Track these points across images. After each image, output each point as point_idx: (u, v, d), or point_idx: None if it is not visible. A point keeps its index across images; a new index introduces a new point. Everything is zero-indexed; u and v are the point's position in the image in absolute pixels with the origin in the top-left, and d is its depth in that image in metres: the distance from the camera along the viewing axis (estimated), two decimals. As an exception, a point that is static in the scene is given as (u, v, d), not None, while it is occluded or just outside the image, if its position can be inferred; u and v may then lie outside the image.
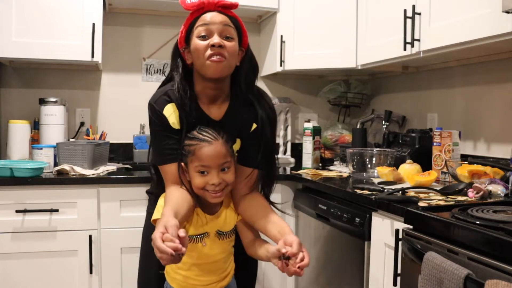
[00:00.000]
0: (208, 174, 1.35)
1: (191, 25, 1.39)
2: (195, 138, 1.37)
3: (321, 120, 3.03)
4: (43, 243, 2.00)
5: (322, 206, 1.96)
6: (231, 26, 1.38)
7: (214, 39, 1.33)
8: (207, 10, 1.37)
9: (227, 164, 1.37)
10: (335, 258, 1.90)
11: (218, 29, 1.35)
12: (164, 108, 1.41)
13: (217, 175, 1.35)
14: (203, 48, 1.34)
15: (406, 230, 1.32)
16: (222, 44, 1.34)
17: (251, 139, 1.47)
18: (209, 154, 1.34)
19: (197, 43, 1.35)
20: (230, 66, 1.38)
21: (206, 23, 1.35)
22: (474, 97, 2.13)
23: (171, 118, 1.41)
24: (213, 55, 1.33)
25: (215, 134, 1.37)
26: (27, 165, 2.00)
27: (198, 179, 1.36)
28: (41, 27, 2.25)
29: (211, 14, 1.37)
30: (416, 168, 1.91)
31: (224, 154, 1.36)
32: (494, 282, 0.94)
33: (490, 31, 1.56)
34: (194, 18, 1.38)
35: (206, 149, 1.34)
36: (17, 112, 2.57)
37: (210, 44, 1.33)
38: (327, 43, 2.46)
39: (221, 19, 1.37)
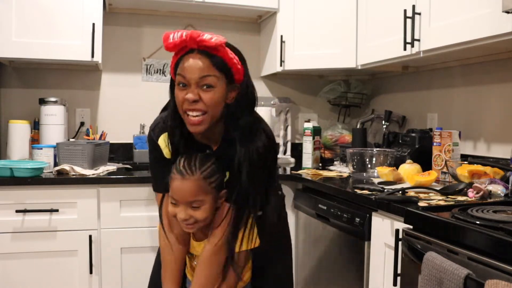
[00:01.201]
0: (178, 207, 1.33)
1: (177, 63, 1.32)
2: (175, 166, 1.34)
3: (321, 120, 3.03)
4: (43, 243, 2.00)
5: (322, 206, 1.96)
6: (211, 74, 1.27)
7: (189, 94, 1.27)
8: (190, 48, 1.28)
9: (197, 202, 1.31)
10: (335, 258, 1.90)
11: (195, 80, 1.27)
12: (160, 138, 1.41)
13: (184, 210, 1.32)
14: (180, 100, 1.30)
15: (406, 230, 1.32)
16: (197, 99, 1.27)
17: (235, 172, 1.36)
18: (178, 189, 1.32)
19: (176, 93, 1.31)
20: (211, 118, 1.31)
21: (183, 74, 1.28)
22: (474, 97, 2.13)
23: (165, 149, 1.41)
24: (189, 110, 1.29)
25: (194, 168, 1.31)
26: (27, 165, 2.00)
27: (170, 207, 1.36)
28: (41, 27, 2.25)
29: (190, 62, 1.27)
30: (416, 168, 1.91)
31: (195, 192, 1.31)
32: (494, 282, 0.94)
33: (490, 31, 1.56)
34: (179, 57, 1.30)
35: (177, 183, 1.32)
36: (17, 112, 2.57)
37: (185, 97, 1.28)
38: (327, 43, 2.47)
39: (200, 67, 1.26)
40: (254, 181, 1.34)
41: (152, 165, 1.48)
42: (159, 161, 1.43)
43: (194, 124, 1.30)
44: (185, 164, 1.32)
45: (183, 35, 1.26)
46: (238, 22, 2.90)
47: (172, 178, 1.33)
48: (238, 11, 2.72)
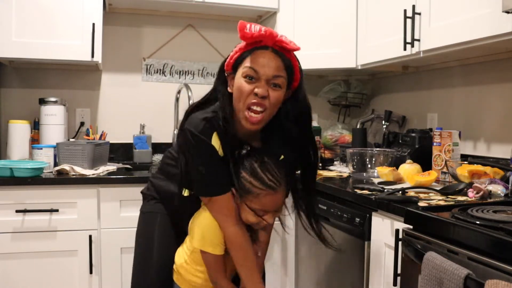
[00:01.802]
0: (264, 215, 1.35)
1: (244, 55, 1.31)
2: (259, 179, 1.31)
3: (321, 120, 3.03)
4: (43, 243, 2.00)
5: (322, 206, 1.96)
6: (282, 75, 1.30)
7: (259, 88, 1.27)
8: (265, 44, 1.29)
9: (282, 207, 1.40)
10: (335, 258, 1.90)
11: (267, 77, 1.28)
12: (213, 138, 1.31)
13: (272, 216, 1.37)
14: (246, 92, 1.28)
15: (406, 230, 1.32)
16: (266, 95, 1.28)
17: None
18: (274, 201, 1.33)
19: (242, 84, 1.29)
20: (268, 117, 1.33)
21: (256, 67, 1.27)
22: (474, 97, 2.13)
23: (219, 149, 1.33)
24: (254, 104, 1.28)
25: (279, 177, 1.33)
26: (27, 165, 2.00)
27: (251, 218, 1.35)
28: (41, 27, 2.25)
29: (267, 58, 1.28)
30: (416, 168, 1.91)
31: (283, 199, 1.38)
32: (494, 282, 0.94)
33: (490, 31, 1.56)
34: (249, 49, 1.30)
35: (271, 198, 1.32)
36: (17, 112, 2.57)
37: (254, 91, 1.27)
38: (327, 43, 2.46)
39: (274, 66, 1.29)
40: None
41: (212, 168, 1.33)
42: (219, 163, 1.33)
43: (254, 122, 1.30)
44: (270, 177, 1.31)
45: (261, 30, 1.27)
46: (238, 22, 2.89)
47: (263, 193, 1.30)
48: (238, 11, 2.72)
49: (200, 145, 1.30)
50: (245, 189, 1.32)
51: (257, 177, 1.30)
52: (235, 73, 1.33)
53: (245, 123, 1.31)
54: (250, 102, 1.28)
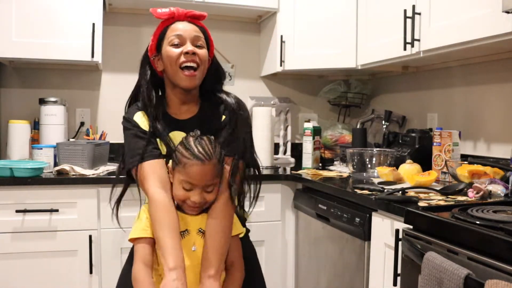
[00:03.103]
0: (192, 191, 1.33)
1: (162, 33, 1.44)
2: (189, 149, 1.32)
3: (321, 120, 3.03)
4: (43, 243, 2.00)
5: (322, 206, 1.96)
6: (201, 36, 1.44)
7: (187, 47, 1.39)
8: (177, 20, 1.44)
9: (212, 185, 1.35)
10: (335, 258, 1.90)
11: (190, 37, 1.41)
12: (135, 115, 1.45)
13: (199, 193, 1.33)
14: (176, 55, 1.39)
15: (406, 230, 1.32)
16: (195, 51, 1.40)
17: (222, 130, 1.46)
18: (198, 173, 1.31)
19: (170, 51, 1.40)
20: (202, 74, 1.44)
21: (179, 32, 1.41)
22: (474, 97, 2.13)
23: (142, 124, 1.43)
24: (186, 62, 1.39)
25: (211, 151, 1.33)
26: (27, 165, 2.00)
27: (180, 192, 1.34)
28: (41, 27, 2.25)
29: (182, 24, 1.43)
30: (416, 168, 1.91)
31: (214, 175, 1.33)
32: (494, 282, 0.94)
33: (490, 31, 1.56)
34: (165, 27, 1.44)
35: (197, 168, 1.31)
36: (17, 112, 2.57)
37: (183, 51, 1.39)
38: (327, 43, 2.47)
39: (193, 28, 1.43)
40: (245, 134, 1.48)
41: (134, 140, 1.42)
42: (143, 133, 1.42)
43: (190, 75, 1.39)
44: (199, 149, 1.32)
45: (170, 9, 1.43)
46: (238, 22, 2.90)
47: (189, 163, 1.31)
48: (238, 11, 2.72)
49: (125, 123, 1.46)
50: (176, 160, 1.34)
51: (187, 148, 1.33)
52: (160, 53, 1.44)
53: (183, 81, 1.41)
54: (182, 61, 1.39)
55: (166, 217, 1.32)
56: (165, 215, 1.32)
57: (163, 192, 1.35)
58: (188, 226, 1.38)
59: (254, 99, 2.88)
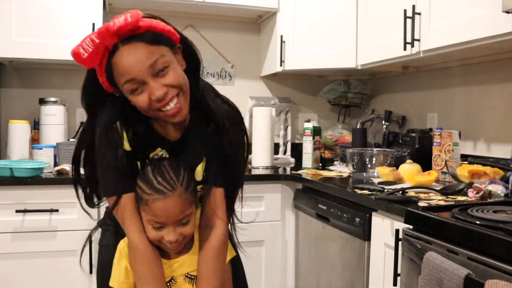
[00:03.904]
0: (164, 229, 1.14)
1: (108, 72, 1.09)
2: (148, 182, 1.13)
3: (321, 120, 3.03)
4: (43, 243, 2.00)
5: (322, 206, 1.96)
6: (157, 56, 1.06)
7: (154, 93, 1.06)
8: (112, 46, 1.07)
9: (186, 218, 1.16)
10: (335, 258, 1.90)
11: (146, 72, 1.06)
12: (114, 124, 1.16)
13: (173, 231, 1.14)
14: (146, 105, 1.08)
15: (406, 230, 1.32)
16: (166, 90, 1.07)
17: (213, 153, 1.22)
18: (163, 209, 1.12)
19: (136, 101, 1.09)
20: (187, 97, 1.14)
21: (130, 78, 1.06)
22: (474, 97, 2.13)
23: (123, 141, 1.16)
24: (164, 105, 1.09)
25: (173, 179, 1.13)
26: (27, 165, 2.00)
27: (151, 233, 1.15)
28: (41, 27, 2.25)
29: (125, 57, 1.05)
30: (416, 168, 1.91)
31: (182, 208, 1.14)
32: (494, 282, 0.94)
33: (490, 31, 1.56)
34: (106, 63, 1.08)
35: (160, 204, 1.12)
36: (17, 112, 2.57)
37: (152, 99, 1.07)
38: (327, 43, 2.47)
39: (141, 57, 1.05)
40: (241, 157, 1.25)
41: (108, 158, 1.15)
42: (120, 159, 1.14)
43: (175, 113, 1.10)
44: (159, 180, 1.12)
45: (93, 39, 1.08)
46: (238, 22, 2.90)
47: (151, 199, 1.12)
48: (238, 11, 2.72)
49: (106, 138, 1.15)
50: (137, 197, 1.15)
51: (146, 181, 1.13)
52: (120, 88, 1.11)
53: (171, 120, 1.12)
54: (156, 107, 1.09)
55: (149, 272, 1.15)
56: (147, 269, 1.15)
57: (143, 237, 1.15)
58: (173, 273, 1.22)
59: (254, 99, 2.88)
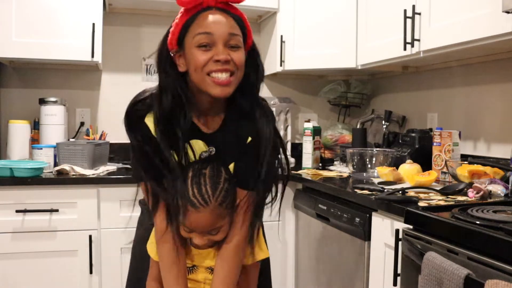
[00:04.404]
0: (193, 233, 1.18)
1: (186, 25, 1.12)
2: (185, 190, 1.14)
3: (321, 120, 3.03)
4: (43, 243, 2.00)
5: (322, 206, 1.96)
6: (237, 34, 1.13)
7: (219, 54, 1.09)
8: (206, 5, 1.11)
9: (216, 229, 1.18)
10: (335, 258, 1.90)
11: (223, 37, 1.10)
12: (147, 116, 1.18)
13: (202, 237, 1.18)
14: (203, 62, 1.10)
15: (406, 230, 1.32)
16: (229, 59, 1.10)
17: (245, 154, 1.22)
18: (194, 221, 1.15)
19: (197, 55, 1.11)
20: (238, 82, 1.15)
21: (208, 30, 1.10)
22: (474, 97, 2.13)
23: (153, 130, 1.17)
24: (217, 71, 1.10)
25: (208, 195, 1.13)
26: (27, 165, 2.00)
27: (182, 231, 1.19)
28: (41, 27, 2.25)
29: (213, 17, 1.10)
30: (416, 168, 1.91)
31: (212, 222, 1.15)
32: (494, 282, 0.94)
33: (490, 31, 1.56)
34: (191, 16, 1.11)
35: (191, 215, 1.14)
36: (17, 112, 2.57)
37: (214, 59, 1.10)
38: (327, 43, 2.47)
39: (226, 24, 1.11)
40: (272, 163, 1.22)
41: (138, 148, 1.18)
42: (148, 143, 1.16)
43: (223, 84, 1.10)
44: (195, 192, 1.13)
45: None
46: (238, 22, 2.90)
47: (183, 209, 1.14)
48: (238, 11, 2.72)
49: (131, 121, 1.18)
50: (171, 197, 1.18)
51: (183, 187, 1.14)
52: (182, 49, 1.14)
53: (213, 89, 1.12)
54: (210, 70, 1.10)
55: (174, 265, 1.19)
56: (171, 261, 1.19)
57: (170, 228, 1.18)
58: (198, 262, 1.28)
59: (254, 99, 2.87)
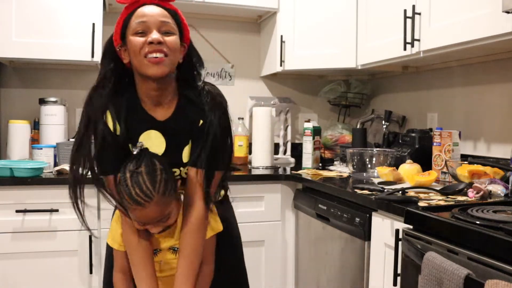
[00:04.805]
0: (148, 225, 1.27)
1: (126, 21, 1.27)
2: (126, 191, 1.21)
3: (321, 120, 3.03)
4: (43, 243, 2.00)
5: (322, 206, 1.96)
6: (170, 22, 1.27)
7: (152, 35, 1.22)
8: (143, 3, 1.26)
9: (166, 216, 1.26)
10: (335, 258, 1.90)
11: (156, 24, 1.24)
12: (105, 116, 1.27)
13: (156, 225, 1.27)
14: (140, 45, 1.23)
15: (406, 230, 1.32)
16: (162, 40, 1.23)
17: (197, 137, 1.32)
18: (143, 216, 1.24)
19: (134, 40, 1.24)
20: (172, 64, 1.27)
21: (143, 19, 1.24)
22: (474, 97, 2.13)
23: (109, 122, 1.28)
24: (152, 52, 1.22)
25: (149, 190, 1.20)
26: (27, 165, 2.00)
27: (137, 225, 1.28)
28: (41, 27, 2.25)
29: (147, 8, 1.25)
30: (416, 168, 1.91)
31: (160, 211, 1.24)
32: (494, 282, 0.94)
33: (490, 31, 1.56)
34: (130, 13, 1.26)
35: (139, 212, 1.23)
36: (17, 112, 2.57)
37: (148, 41, 1.22)
38: (327, 43, 2.47)
39: (159, 12, 1.25)
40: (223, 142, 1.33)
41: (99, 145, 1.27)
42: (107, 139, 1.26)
43: (157, 62, 1.22)
44: (137, 191, 1.20)
45: None
46: (238, 22, 2.90)
47: (128, 206, 1.23)
48: (238, 11, 2.72)
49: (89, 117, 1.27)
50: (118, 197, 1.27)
51: (126, 189, 1.22)
52: (125, 43, 1.28)
53: (149, 69, 1.23)
54: (146, 51, 1.22)
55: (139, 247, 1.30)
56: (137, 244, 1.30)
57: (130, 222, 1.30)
58: (159, 245, 1.35)
59: (254, 99, 2.88)
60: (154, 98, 1.31)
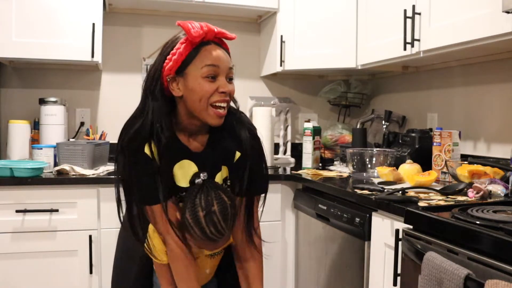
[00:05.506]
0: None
1: (191, 55, 1.24)
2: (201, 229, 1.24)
3: (321, 120, 3.03)
4: (43, 243, 2.00)
5: (322, 206, 1.96)
6: (232, 67, 1.30)
7: (224, 86, 1.24)
8: (207, 39, 1.25)
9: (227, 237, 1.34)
10: (335, 258, 1.90)
11: (225, 71, 1.26)
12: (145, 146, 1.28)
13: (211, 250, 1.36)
14: (211, 91, 1.23)
15: (406, 230, 1.32)
16: (230, 92, 1.27)
17: (237, 169, 1.35)
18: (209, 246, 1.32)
19: (204, 85, 1.23)
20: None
21: (216, 63, 1.24)
22: (474, 97, 2.13)
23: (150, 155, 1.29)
24: (221, 101, 1.25)
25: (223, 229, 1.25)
26: (27, 165, 2.00)
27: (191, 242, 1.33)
28: (41, 27, 2.25)
29: (217, 52, 1.25)
30: (416, 168, 1.91)
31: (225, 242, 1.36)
32: (494, 282, 0.94)
33: (490, 31, 1.56)
34: (195, 48, 1.24)
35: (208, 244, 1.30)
36: (17, 112, 2.57)
37: (220, 90, 1.24)
38: (327, 43, 2.47)
39: (227, 59, 1.28)
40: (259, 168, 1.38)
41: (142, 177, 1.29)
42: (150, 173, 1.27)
43: (220, 116, 1.26)
44: (212, 230, 1.24)
45: (202, 27, 1.23)
46: (238, 22, 2.90)
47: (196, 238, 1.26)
48: (238, 11, 2.72)
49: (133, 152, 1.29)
50: (184, 226, 1.27)
51: (199, 227, 1.24)
52: (181, 76, 1.25)
53: (212, 120, 1.26)
54: (215, 100, 1.25)
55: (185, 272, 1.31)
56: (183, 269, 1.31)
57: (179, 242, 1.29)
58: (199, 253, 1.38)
59: (254, 99, 2.88)
60: (193, 132, 1.33)
